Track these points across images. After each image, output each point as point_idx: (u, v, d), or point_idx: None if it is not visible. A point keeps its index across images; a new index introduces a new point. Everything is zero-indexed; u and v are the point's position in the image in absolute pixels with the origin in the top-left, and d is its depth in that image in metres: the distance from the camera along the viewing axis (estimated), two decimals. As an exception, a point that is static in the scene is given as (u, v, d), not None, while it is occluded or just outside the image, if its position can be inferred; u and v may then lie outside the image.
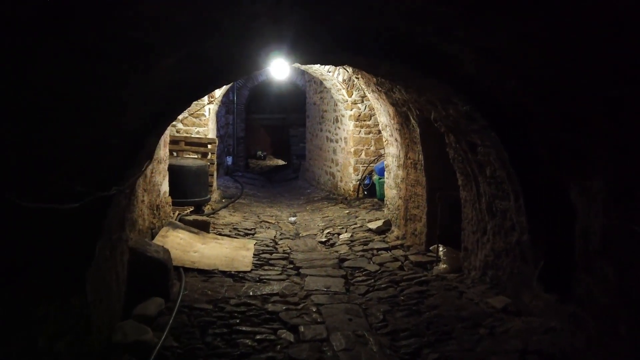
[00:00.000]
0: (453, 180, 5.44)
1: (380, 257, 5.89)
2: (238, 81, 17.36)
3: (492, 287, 4.36)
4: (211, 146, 9.17)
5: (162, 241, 5.76)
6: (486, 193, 4.37)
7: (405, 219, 6.41)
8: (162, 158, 6.35)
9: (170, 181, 7.38)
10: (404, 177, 6.43)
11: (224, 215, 8.39)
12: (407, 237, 6.33)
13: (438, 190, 5.55)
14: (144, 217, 5.62)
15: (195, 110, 8.97)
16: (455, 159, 4.75)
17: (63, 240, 2.58)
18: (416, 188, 6.04)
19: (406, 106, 5.55)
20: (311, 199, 11.22)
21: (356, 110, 9.86)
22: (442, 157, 5.62)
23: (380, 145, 9.76)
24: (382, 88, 5.96)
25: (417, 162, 5.92)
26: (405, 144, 6.25)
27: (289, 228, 8.00)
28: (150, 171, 5.82)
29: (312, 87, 13.78)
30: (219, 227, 7.38)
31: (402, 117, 5.99)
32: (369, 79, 6.32)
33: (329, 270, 5.36)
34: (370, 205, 9.14)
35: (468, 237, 4.89)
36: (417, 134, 5.68)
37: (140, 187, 5.41)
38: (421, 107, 4.99)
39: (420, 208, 5.95)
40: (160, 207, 6.34)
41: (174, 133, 9.02)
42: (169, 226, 6.29)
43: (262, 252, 6.20)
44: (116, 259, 3.65)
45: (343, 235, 7.09)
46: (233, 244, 6.36)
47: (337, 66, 4.33)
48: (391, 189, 7.13)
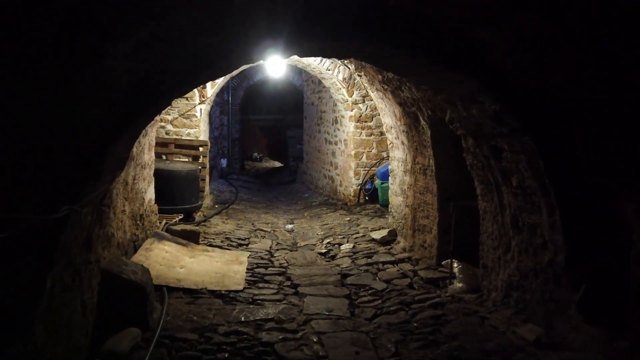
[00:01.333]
0: (469, 188, 4.90)
1: (387, 272, 5.34)
2: (233, 80, 16.82)
3: (518, 312, 3.82)
4: (203, 149, 8.61)
5: (145, 255, 5.20)
6: (511, 205, 3.83)
7: (413, 230, 5.87)
8: (146, 163, 5.79)
9: (157, 187, 6.82)
10: (412, 184, 5.88)
11: (216, 223, 7.82)
12: (415, 250, 5.78)
13: (451, 200, 5.00)
14: (124, 228, 5.06)
15: (185, 111, 8.41)
16: (474, 165, 4.21)
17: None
18: (425, 196, 5.49)
19: (416, 106, 5.01)
20: (309, 204, 10.67)
21: (357, 110, 9.31)
22: (456, 163, 5.09)
23: (383, 148, 9.23)
24: (388, 86, 5.41)
25: (426, 167, 5.38)
26: (413, 148, 5.71)
27: (285, 237, 7.44)
28: (133, 178, 5.25)
29: (310, 86, 13.24)
30: (210, 237, 6.82)
31: (411, 118, 5.44)
32: (373, 76, 5.78)
33: (331, 289, 4.80)
34: (373, 211, 8.59)
35: (488, 253, 4.34)
36: (428, 137, 5.14)
37: (121, 196, 4.85)
38: (435, 106, 4.45)
39: (430, 218, 5.40)
40: (144, 217, 5.77)
41: (163, 135, 8.46)
42: (154, 237, 5.73)
43: (257, 265, 5.64)
44: (82, 285, 3.09)
45: (344, 246, 6.54)
46: (224, 257, 5.80)
47: (340, 59, 3.82)
48: (396, 196, 6.58)
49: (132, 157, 5.13)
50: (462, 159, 4.98)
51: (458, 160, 5.07)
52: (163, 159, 8.37)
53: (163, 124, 8.42)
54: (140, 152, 5.46)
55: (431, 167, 5.24)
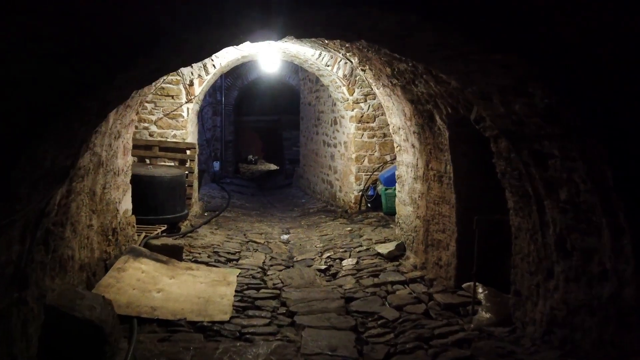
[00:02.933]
0: (496, 200, 4.20)
1: (397, 295, 4.62)
2: (226, 80, 16.10)
3: (566, 354, 3.10)
4: (190, 152, 7.88)
5: (116, 277, 4.46)
6: (556, 223, 3.11)
7: (425, 244, 5.15)
8: (120, 169, 5.05)
9: (137, 195, 6.08)
10: (424, 192, 5.17)
11: (204, 234, 7.08)
12: (429, 268, 5.06)
13: (474, 212, 4.29)
14: (91, 246, 4.33)
15: (171, 111, 7.67)
16: (507, 173, 3.50)
17: None
18: (441, 207, 4.78)
19: (432, 103, 4.29)
20: (306, 211, 9.94)
21: (358, 110, 8.60)
22: (478, 170, 4.39)
23: (386, 151, 8.52)
24: (398, 80, 4.70)
25: (443, 174, 4.66)
26: (426, 151, 4.99)
27: (280, 250, 6.71)
28: (102, 187, 4.52)
29: (306, 85, 12.52)
30: (196, 251, 6.08)
31: (424, 117, 4.73)
32: (380, 70, 5.06)
33: (333, 318, 4.08)
34: (376, 220, 7.87)
35: (522, 278, 3.63)
36: (445, 139, 4.43)
37: (85, 209, 4.12)
38: (457, 102, 3.73)
39: (446, 232, 4.69)
40: (118, 231, 5.03)
41: (147, 137, 7.72)
42: (130, 254, 4.99)
43: (247, 286, 4.91)
44: (10, 334, 2.35)
45: (347, 262, 5.82)
46: (210, 277, 5.06)
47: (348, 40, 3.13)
48: (405, 205, 5.87)
49: (101, 163, 4.40)
50: (486, 166, 4.27)
51: (481, 166, 4.37)
52: (147, 163, 7.64)
53: (146, 125, 7.68)
54: (112, 157, 4.72)
55: (448, 173, 4.53)
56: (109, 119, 4.28)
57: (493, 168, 4.34)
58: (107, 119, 4.26)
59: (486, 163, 4.31)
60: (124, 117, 4.80)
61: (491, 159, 4.09)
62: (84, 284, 4.17)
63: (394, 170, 7.95)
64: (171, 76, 7.51)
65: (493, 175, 4.35)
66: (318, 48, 6.53)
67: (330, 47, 5.67)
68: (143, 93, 4.96)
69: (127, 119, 4.95)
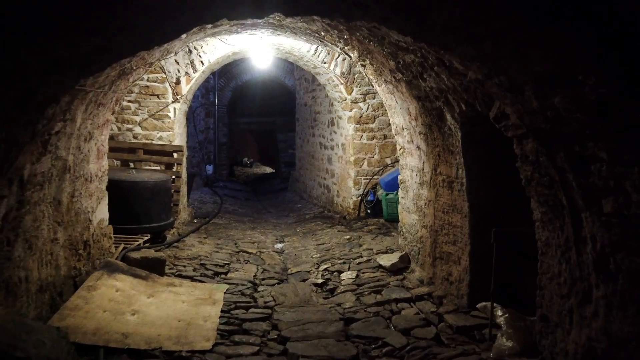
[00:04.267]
0: (516, 210, 3.73)
1: (403, 316, 4.11)
2: (219, 81, 15.61)
3: (609, 396, 2.60)
4: (177, 155, 7.36)
5: (85, 298, 3.94)
6: (597, 239, 2.61)
7: (433, 257, 4.65)
8: (93, 174, 4.53)
9: (117, 203, 5.58)
10: (431, 199, 4.67)
11: (192, 243, 6.56)
12: (437, 283, 4.56)
13: (489, 223, 3.79)
14: (56, 263, 3.81)
15: (156, 111, 7.16)
16: (534, 179, 3.00)
17: None
18: (451, 216, 4.28)
19: (442, 99, 3.79)
20: (302, 217, 9.43)
21: (357, 110, 8.10)
22: (495, 176, 3.90)
23: (386, 154, 8.03)
24: (403, 75, 4.20)
25: (453, 179, 4.17)
26: (434, 154, 4.49)
27: (274, 261, 6.20)
28: (70, 195, 4.00)
29: (302, 85, 12.02)
30: (181, 264, 5.56)
31: (432, 116, 4.23)
32: (382, 64, 4.57)
33: (331, 346, 3.56)
34: (376, 227, 7.37)
35: (551, 301, 3.12)
36: (457, 140, 3.93)
37: (48, 222, 3.61)
38: (474, 98, 3.23)
39: (458, 245, 4.19)
40: (90, 244, 4.51)
41: (130, 139, 7.20)
42: (104, 270, 4.47)
43: (235, 305, 4.40)
44: None
45: (346, 275, 5.31)
46: (194, 294, 4.55)
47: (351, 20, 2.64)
48: (409, 213, 5.36)
49: (68, 168, 3.88)
50: (504, 171, 3.79)
51: (498, 171, 3.89)
52: (131, 167, 7.12)
53: (130, 126, 7.16)
54: (82, 162, 4.21)
55: (460, 179, 4.03)
56: (75, 119, 3.77)
57: (512, 173, 3.85)
58: (74, 119, 3.75)
59: (504, 168, 3.83)
60: (96, 116, 4.28)
61: (511, 163, 3.60)
62: (46, 307, 3.65)
63: (395, 174, 7.46)
64: (156, 74, 7.01)
65: (512, 181, 3.87)
66: (314, 42, 6.03)
67: (328, 40, 5.17)
68: (119, 90, 4.45)
69: (100, 118, 4.44)
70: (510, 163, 3.82)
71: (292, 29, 5.27)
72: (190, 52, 7.05)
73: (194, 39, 5.25)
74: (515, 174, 3.74)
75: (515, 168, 3.60)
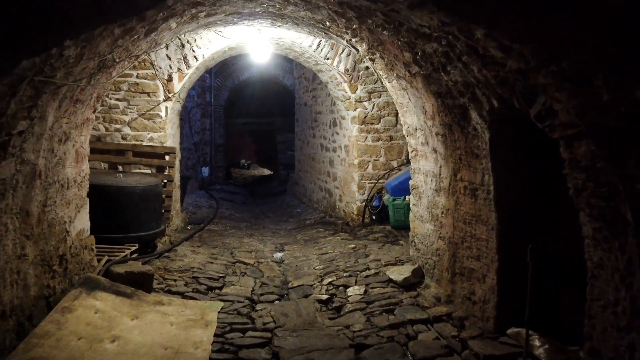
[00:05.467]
0: (555, 224, 3.25)
1: (421, 341, 3.62)
2: (216, 80, 15.12)
3: None
4: (169, 157, 6.86)
5: (57, 322, 3.44)
6: (672, 264, 2.13)
7: (452, 272, 4.16)
8: (71, 180, 4.03)
9: (101, 210, 5.11)
10: (450, 208, 4.18)
11: (184, 253, 6.06)
12: (457, 302, 4.07)
13: (522, 237, 3.32)
14: (24, 282, 3.33)
15: (147, 110, 6.66)
16: (586, 189, 2.51)
17: None
18: (475, 227, 3.79)
19: (467, 95, 3.31)
20: (302, 223, 8.94)
21: (361, 110, 7.61)
22: (528, 183, 3.42)
23: (392, 156, 7.55)
24: (420, 68, 3.72)
25: (478, 186, 3.68)
26: (454, 157, 4.01)
27: (273, 272, 5.71)
28: (41, 204, 3.50)
29: (302, 84, 11.54)
30: (172, 277, 5.06)
31: (453, 114, 3.75)
32: (395, 56, 4.09)
33: (342, 381, 3.07)
34: (382, 235, 6.88)
35: (604, 333, 2.63)
36: (484, 142, 3.44)
37: (13, 235, 3.12)
38: (511, 92, 2.75)
39: (482, 260, 3.70)
40: (68, 258, 4.01)
41: (119, 140, 6.70)
42: (83, 287, 3.97)
43: (230, 327, 3.91)
44: None
45: (353, 290, 4.82)
46: (184, 314, 4.05)
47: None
48: (422, 222, 4.88)
49: (38, 174, 3.38)
50: (540, 179, 3.32)
51: (533, 179, 3.41)
52: (119, 170, 6.63)
53: (118, 126, 6.66)
54: (57, 166, 3.70)
55: (486, 186, 3.54)
56: (46, 117, 3.27)
57: (548, 181, 3.37)
58: (44, 117, 3.25)
59: (538, 176, 3.37)
60: (73, 114, 3.78)
61: (548, 169, 3.13)
62: (12, 335, 3.16)
63: (402, 177, 6.98)
64: (146, 70, 6.51)
65: (545, 191, 3.40)
66: (317, 35, 5.55)
67: (333, 31, 4.68)
68: (99, 84, 3.95)
69: (79, 117, 3.94)
70: (546, 169, 3.35)
71: (293, 19, 4.78)
72: (183, 46, 6.56)
73: (186, 29, 4.75)
74: (552, 181, 3.26)
75: (552, 175, 3.12)
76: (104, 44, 3.39)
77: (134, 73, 6.52)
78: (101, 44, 3.37)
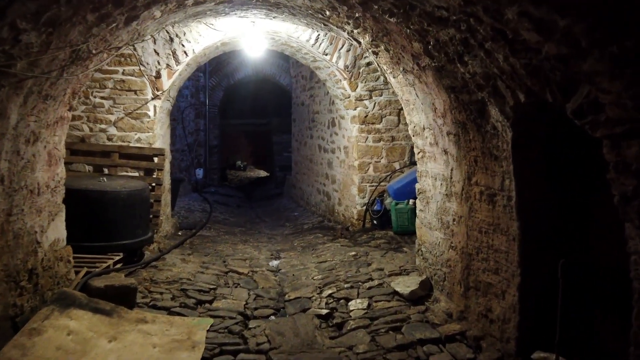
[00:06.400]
0: (590, 235, 2.87)
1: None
2: (210, 79, 14.72)
3: None
4: (158, 159, 6.45)
5: (23, 347, 3.04)
6: None
7: (465, 286, 3.77)
8: (43, 185, 3.62)
9: (82, 217, 4.74)
10: (463, 215, 3.79)
11: (173, 262, 5.65)
12: (471, 319, 3.68)
13: (549, 250, 2.94)
14: (-17, 303, 2.90)
15: (134, 109, 6.25)
16: (638, 197, 2.12)
17: None
18: (492, 237, 3.40)
19: (488, 88, 2.92)
20: (300, 228, 8.54)
21: (362, 109, 7.22)
22: (556, 188, 3.03)
23: (394, 157, 7.16)
24: (432, 59, 3.33)
25: (496, 191, 3.29)
26: (468, 159, 3.62)
27: (269, 282, 5.31)
28: (5, 213, 3.09)
29: (299, 83, 11.15)
30: (158, 290, 4.65)
31: (468, 111, 3.36)
32: (402, 48, 3.70)
33: (346, 416, 2.67)
34: (384, 242, 6.48)
35: (656, 367, 2.25)
36: (505, 141, 3.05)
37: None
38: (544, 84, 2.36)
39: (502, 274, 3.31)
40: (39, 272, 3.60)
41: (104, 141, 6.29)
42: (56, 305, 3.56)
43: (220, 349, 3.52)
44: None
45: (355, 304, 4.42)
46: (169, 334, 3.65)
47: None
48: (431, 230, 4.49)
49: (0, 179, 2.97)
50: (571, 184, 2.94)
51: (563, 185, 3.02)
52: (104, 172, 6.22)
53: (103, 126, 6.25)
54: (24, 170, 3.29)
55: (507, 191, 3.15)
56: (7, 114, 2.87)
57: (581, 187, 2.99)
58: (5, 114, 2.84)
59: (568, 181, 2.98)
60: (43, 112, 3.38)
61: (582, 173, 2.75)
62: (-34, 364, 2.74)
63: (405, 180, 6.60)
64: (132, 66, 6.10)
65: (581, 198, 3.01)
66: (316, 26, 5.16)
67: (333, 22, 4.29)
68: (74, 79, 3.55)
69: (50, 115, 3.53)
70: (577, 172, 2.97)
71: (290, 9, 4.38)
72: (172, 41, 6.15)
73: (173, 19, 4.35)
74: (587, 188, 2.88)
75: (587, 181, 2.75)
76: (75, 31, 3.00)
77: (120, 69, 6.11)
78: (72, 32, 2.97)
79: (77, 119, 6.15)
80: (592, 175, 2.93)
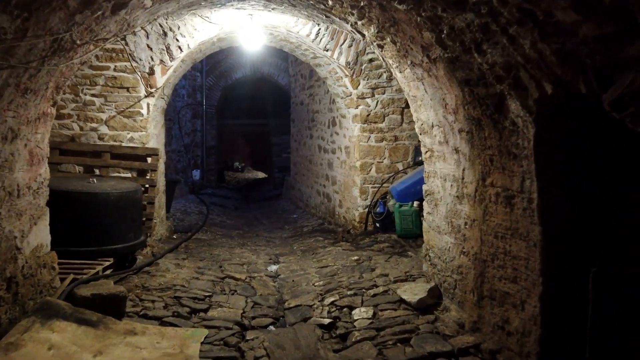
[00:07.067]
0: (623, 244, 2.61)
1: (448, 384, 2.96)
2: (208, 79, 14.46)
3: None
4: (152, 159, 6.18)
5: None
6: None
7: (479, 295, 3.51)
8: (23, 186, 3.35)
9: (69, 219, 4.48)
10: (476, 218, 3.53)
11: (167, 267, 5.38)
12: (486, 331, 3.42)
13: (574, 257, 2.68)
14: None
15: (126, 107, 5.98)
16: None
17: None
18: (509, 242, 3.14)
19: (508, 80, 2.66)
20: (299, 231, 8.28)
21: (364, 107, 6.96)
22: (587, 190, 2.77)
23: (398, 158, 6.91)
24: (445, 50, 3.07)
25: (515, 193, 3.03)
26: (482, 159, 3.36)
27: (267, 289, 5.05)
28: (-22, 217, 2.81)
29: (298, 82, 10.89)
30: (149, 298, 4.38)
31: (484, 106, 3.10)
32: (411, 39, 3.44)
33: None
34: (388, 246, 6.22)
35: None
36: (527, 139, 2.79)
37: None
38: (576, 73, 2.10)
39: (520, 283, 3.05)
40: (19, 280, 3.33)
41: (95, 140, 6.02)
42: (37, 316, 3.29)
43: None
44: None
45: (359, 313, 4.15)
46: (160, 347, 3.37)
47: None
48: (440, 234, 4.23)
49: (-29, 179, 2.70)
50: (603, 186, 2.68)
51: (593, 186, 2.77)
52: (95, 173, 5.95)
53: (94, 125, 5.98)
54: (1, 169, 3.02)
55: (528, 193, 2.89)
56: (-21, 107, 2.60)
57: (615, 189, 2.73)
58: (-24, 107, 2.57)
59: (600, 181, 2.73)
60: (22, 107, 3.11)
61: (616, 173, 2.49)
62: None
63: (410, 181, 6.35)
64: (124, 62, 5.83)
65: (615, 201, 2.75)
66: (316, 18, 4.90)
67: (336, 12, 4.03)
68: (56, 71, 3.28)
69: (31, 110, 3.26)
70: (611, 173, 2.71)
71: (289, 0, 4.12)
72: (165, 35, 5.88)
73: (165, 9, 4.09)
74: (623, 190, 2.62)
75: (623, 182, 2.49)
76: (55, 17, 2.73)
77: (111, 65, 5.85)
78: (52, 18, 2.71)
79: (67, 117, 5.88)
80: (621, 172, 2.68)
